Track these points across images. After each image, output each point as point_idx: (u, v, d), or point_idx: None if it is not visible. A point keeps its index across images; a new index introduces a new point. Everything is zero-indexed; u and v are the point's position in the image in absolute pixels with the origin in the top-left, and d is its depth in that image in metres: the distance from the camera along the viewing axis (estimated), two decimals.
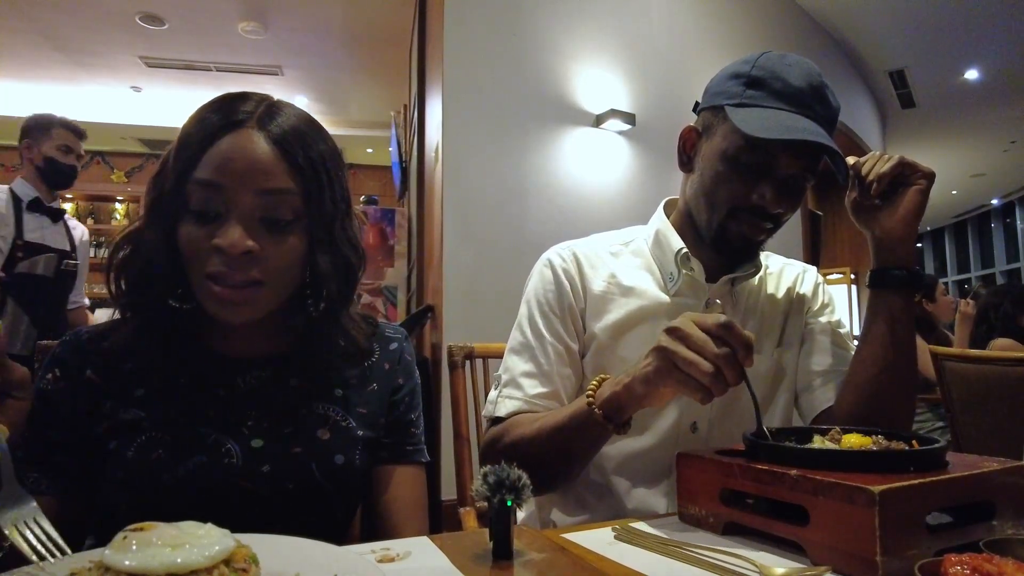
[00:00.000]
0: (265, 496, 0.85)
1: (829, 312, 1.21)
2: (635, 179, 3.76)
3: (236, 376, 0.91)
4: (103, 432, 0.85)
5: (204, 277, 0.81)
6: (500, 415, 1.08)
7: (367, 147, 8.28)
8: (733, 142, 1.03)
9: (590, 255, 1.17)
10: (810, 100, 1.01)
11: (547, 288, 1.14)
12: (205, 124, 0.83)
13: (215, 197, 0.81)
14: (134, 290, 0.87)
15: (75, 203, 8.18)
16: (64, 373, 0.88)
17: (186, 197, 0.82)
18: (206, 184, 0.81)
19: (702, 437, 1.09)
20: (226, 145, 0.82)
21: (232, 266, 0.81)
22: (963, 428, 2.25)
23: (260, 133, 0.83)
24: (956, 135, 8.79)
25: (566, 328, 1.12)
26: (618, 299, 1.13)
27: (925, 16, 5.69)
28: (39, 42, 5.86)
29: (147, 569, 0.48)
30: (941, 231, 15.11)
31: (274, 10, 5.31)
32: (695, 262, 1.11)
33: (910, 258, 1.03)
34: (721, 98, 1.06)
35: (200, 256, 0.81)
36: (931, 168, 1.00)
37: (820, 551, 0.65)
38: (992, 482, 0.68)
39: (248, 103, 0.86)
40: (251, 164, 0.81)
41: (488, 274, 3.20)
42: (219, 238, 0.80)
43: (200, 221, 0.81)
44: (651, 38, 3.93)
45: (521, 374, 1.10)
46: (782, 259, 1.28)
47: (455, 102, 3.29)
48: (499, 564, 0.66)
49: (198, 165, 0.81)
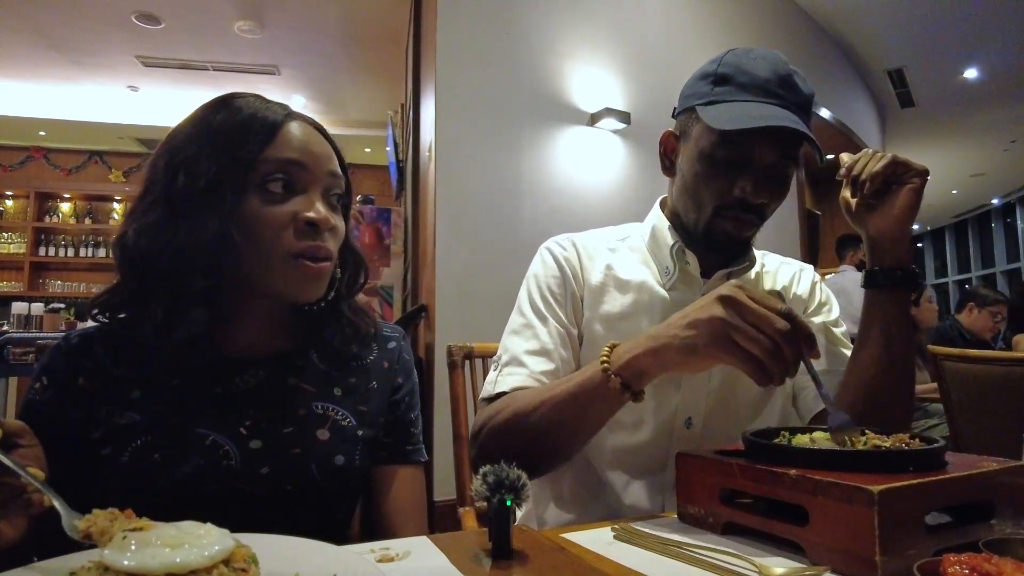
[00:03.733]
0: (264, 498, 0.84)
1: (826, 311, 1.21)
2: (630, 178, 3.76)
3: (234, 375, 0.89)
4: (97, 439, 0.83)
5: (290, 256, 0.84)
6: (503, 390, 1.04)
7: (365, 146, 8.27)
8: (708, 140, 1.03)
9: (588, 247, 1.18)
10: (777, 88, 1.01)
11: (549, 272, 1.15)
12: (267, 110, 0.87)
13: (299, 174, 0.85)
14: (160, 281, 0.83)
15: (73, 203, 8.19)
16: (53, 381, 0.86)
17: (255, 175, 0.83)
18: (292, 162, 0.85)
19: (696, 433, 1.09)
20: (297, 130, 0.87)
21: (318, 240, 0.85)
22: (962, 428, 2.26)
23: (311, 124, 0.90)
24: (956, 134, 8.80)
25: (566, 313, 1.12)
26: (614, 292, 1.13)
27: (924, 15, 5.70)
28: (35, 41, 5.85)
29: (146, 569, 0.48)
30: (941, 231, 15.10)
31: (270, 9, 5.31)
32: (690, 255, 1.11)
33: (906, 257, 1.02)
34: (692, 99, 1.08)
35: (276, 232, 0.83)
36: (924, 166, 1.00)
37: (819, 551, 0.65)
38: (991, 482, 0.68)
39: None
40: (323, 147, 0.89)
41: (481, 273, 3.20)
42: (310, 212, 0.84)
43: (273, 200, 0.84)
44: (647, 36, 3.93)
45: (524, 352, 1.08)
46: (778, 258, 1.27)
47: (448, 101, 3.28)
48: (498, 564, 0.66)
49: (271, 145, 0.84)
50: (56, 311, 5.79)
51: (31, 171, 8.20)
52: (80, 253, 8.09)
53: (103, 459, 0.82)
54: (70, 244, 8.11)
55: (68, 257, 8.06)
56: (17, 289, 7.66)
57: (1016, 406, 2.08)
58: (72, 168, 8.28)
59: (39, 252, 7.98)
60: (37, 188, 8.07)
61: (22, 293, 7.51)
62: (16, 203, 8.19)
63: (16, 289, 7.66)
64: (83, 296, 7.63)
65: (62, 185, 8.22)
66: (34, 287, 7.82)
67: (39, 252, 7.98)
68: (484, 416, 1.04)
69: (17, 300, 6.27)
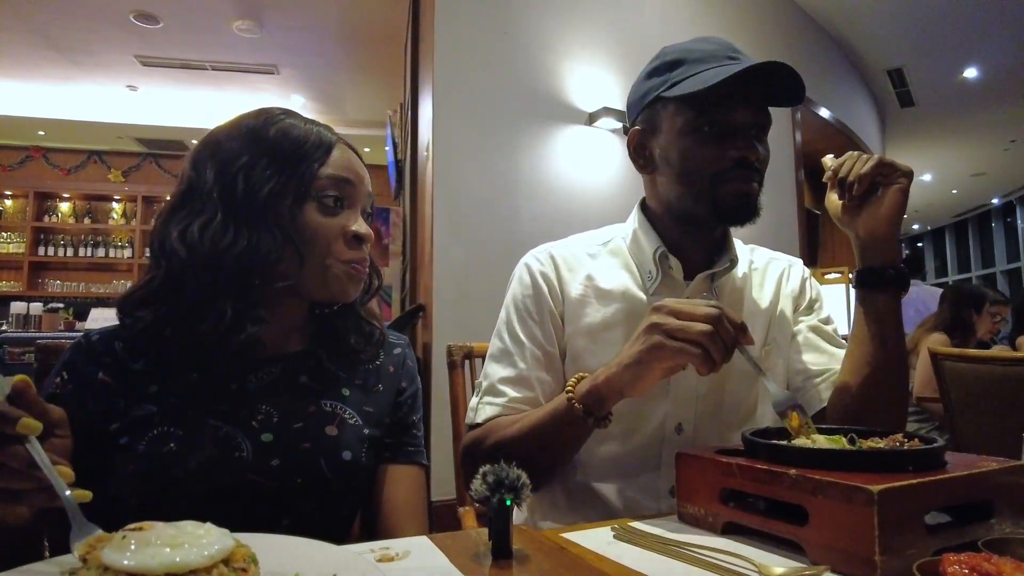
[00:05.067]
0: (274, 490, 0.87)
1: (818, 309, 1.20)
2: (628, 178, 3.75)
3: (248, 373, 0.93)
4: (115, 430, 0.86)
5: (335, 259, 0.92)
6: (479, 421, 1.09)
7: (364, 146, 8.25)
8: (686, 117, 1.04)
9: (568, 257, 1.17)
10: (730, 53, 1.04)
11: (525, 292, 1.15)
12: (320, 131, 0.95)
13: (349, 191, 0.94)
14: (215, 282, 0.86)
15: (72, 202, 8.19)
16: (73, 376, 0.89)
17: (313, 189, 0.91)
18: (345, 181, 0.94)
19: (688, 438, 1.09)
20: (346, 152, 0.96)
21: (363, 251, 0.95)
22: (961, 428, 2.26)
23: (352, 149, 0.99)
24: (956, 134, 8.80)
25: (544, 332, 1.12)
26: (594, 303, 1.12)
27: (923, 14, 5.69)
28: (33, 41, 5.84)
29: (146, 568, 0.48)
30: (941, 231, 15.11)
31: (269, 9, 5.30)
32: (673, 260, 1.11)
33: (895, 256, 1.03)
34: (650, 94, 1.09)
35: (330, 241, 0.92)
36: (909, 167, 1.00)
37: (819, 550, 0.65)
38: (991, 481, 0.69)
39: None
40: (363, 169, 0.98)
41: (479, 273, 3.19)
42: (359, 227, 0.95)
43: (327, 212, 0.92)
44: (645, 36, 3.93)
45: (500, 380, 1.10)
46: (768, 253, 1.26)
47: (446, 100, 3.28)
48: (498, 563, 0.66)
49: (327, 163, 0.92)
50: (55, 311, 5.79)
51: (30, 171, 8.19)
52: (79, 253, 8.08)
53: (120, 449, 0.85)
54: (69, 244, 8.11)
55: (67, 257, 8.06)
56: (16, 289, 7.66)
57: (1016, 406, 2.08)
58: (71, 168, 8.27)
59: (38, 252, 7.98)
60: (36, 188, 8.07)
61: (21, 293, 7.51)
62: (15, 203, 8.19)
63: (15, 289, 7.66)
64: (82, 296, 7.63)
65: (61, 185, 8.21)
66: (33, 287, 7.81)
67: (38, 252, 7.98)
68: (468, 444, 1.09)
69: (16, 300, 6.28)
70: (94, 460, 0.84)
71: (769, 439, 0.80)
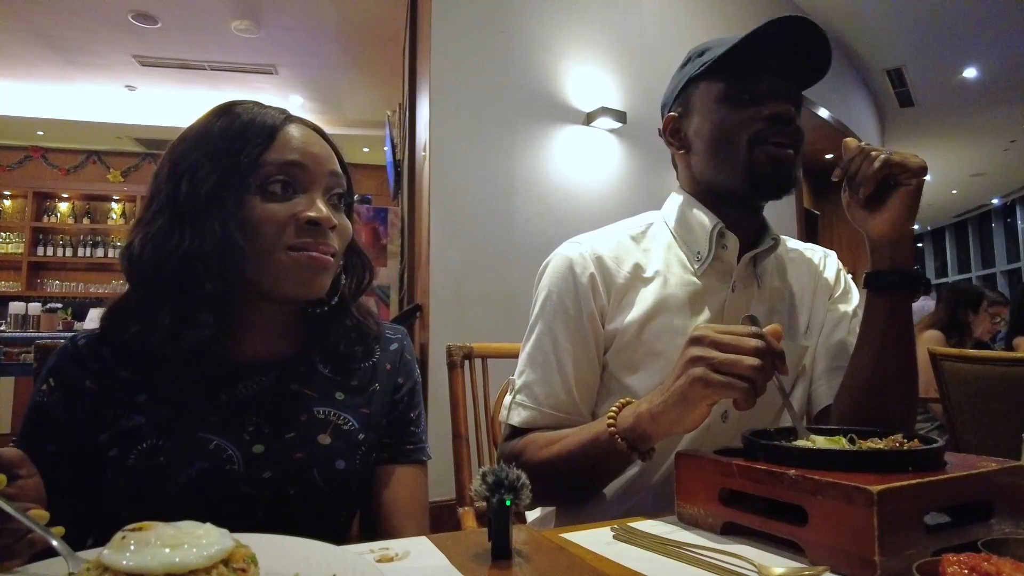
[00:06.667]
0: (266, 502, 0.85)
1: (850, 300, 1.18)
2: (626, 178, 3.76)
3: (238, 382, 0.90)
4: (103, 441, 0.84)
5: (284, 249, 0.85)
6: (514, 423, 1.08)
7: (363, 146, 8.26)
8: (720, 89, 1.07)
9: (614, 248, 1.13)
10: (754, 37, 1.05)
11: (564, 288, 1.10)
12: (265, 115, 0.89)
13: (299, 175, 0.87)
14: (168, 289, 0.84)
15: (71, 203, 8.18)
16: (60, 382, 0.86)
17: (256, 178, 0.85)
18: (291, 164, 0.86)
19: (732, 426, 1.06)
20: (296, 132, 0.89)
21: (321, 238, 0.87)
22: (961, 428, 2.25)
23: (309, 127, 0.92)
24: (955, 134, 8.80)
25: (583, 332, 1.08)
26: (642, 290, 1.09)
27: (923, 14, 5.70)
28: (32, 41, 5.84)
29: (145, 569, 0.48)
30: (941, 231, 15.12)
31: (267, 9, 5.30)
32: (730, 236, 1.08)
33: (906, 260, 0.98)
34: (682, 81, 1.13)
35: (278, 230, 0.85)
36: (921, 163, 0.94)
37: (818, 551, 0.65)
38: (990, 482, 0.68)
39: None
40: (322, 147, 0.91)
41: (476, 273, 3.20)
42: (311, 211, 0.85)
43: (274, 199, 0.85)
44: (643, 35, 3.93)
45: (535, 381, 1.08)
46: (799, 243, 1.25)
47: (443, 100, 3.28)
48: (498, 564, 0.66)
49: (270, 148, 0.86)
50: (54, 311, 5.80)
51: (29, 171, 8.18)
52: (78, 253, 8.07)
53: (110, 461, 0.83)
54: (68, 244, 8.10)
55: (66, 257, 8.05)
56: (15, 289, 7.65)
57: (1016, 406, 2.08)
58: (70, 168, 8.26)
59: (37, 252, 7.97)
60: (35, 188, 8.05)
61: (20, 293, 7.50)
62: (14, 203, 8.17)
63: (14, 289, 7.65)
64: (81, 296, 7.62)
65: (60, 185, 8.20)
66: (32, 287, 7.80)
67: (37, 252, 7.97)
68: (504, 455, 1.09)
69: (14, 300, 6.28)
70: (84, 471, 0.82)
71: (770, 440, 0.79)
